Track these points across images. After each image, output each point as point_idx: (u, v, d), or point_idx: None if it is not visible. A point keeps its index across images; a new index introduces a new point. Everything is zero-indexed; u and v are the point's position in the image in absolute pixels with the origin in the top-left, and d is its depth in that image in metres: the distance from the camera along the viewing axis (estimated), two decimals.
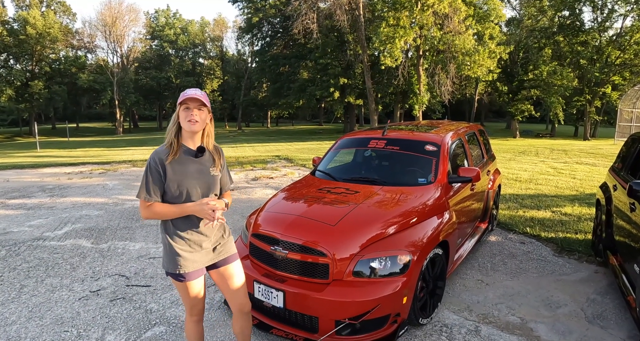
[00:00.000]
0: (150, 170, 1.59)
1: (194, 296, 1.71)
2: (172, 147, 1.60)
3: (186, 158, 1.63)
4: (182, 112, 1.59)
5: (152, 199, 1.58)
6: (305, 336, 2.02)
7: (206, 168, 1.67)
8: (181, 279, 1.66)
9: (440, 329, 2.36)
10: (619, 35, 24.20)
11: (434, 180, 2.70)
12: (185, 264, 1.64)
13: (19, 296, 2.76)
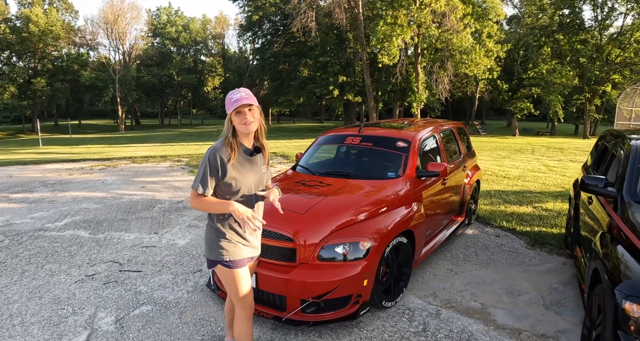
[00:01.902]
0: (209, 165, 1.65)
1: (245, 285, 1.75)
2: (232, 148, 1.67)
3: (244, 158, 1.72)
4: (235, 117, 1.65)
5: (205, 192, 1.66)
6: (274, 314, 2.25)
7: (258, 166, 1.78)
8: (231, 266, 1.71)
9: (403, 312, 2.58)
10: (620, 34, 24.18)
11: (402, 174, 2.91)
12: (233, 251, 1.71)
13: (20, 279, 3.00)
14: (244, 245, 1.75)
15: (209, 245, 1.74)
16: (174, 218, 4.77)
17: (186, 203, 5.63)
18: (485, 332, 2.36)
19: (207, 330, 2.32)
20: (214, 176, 1.67)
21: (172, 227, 4.43)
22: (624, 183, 2.37)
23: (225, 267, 1.72)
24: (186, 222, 4.63)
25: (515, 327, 2.45)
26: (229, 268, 1.72)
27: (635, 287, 1.63)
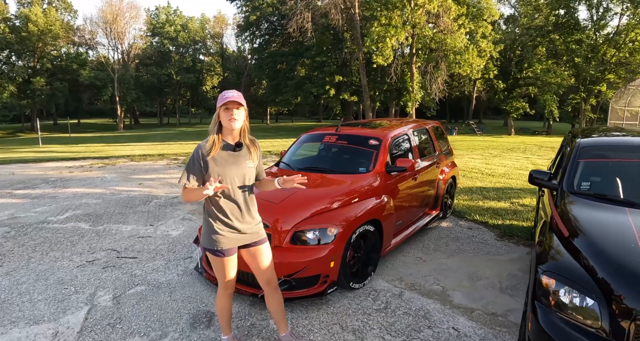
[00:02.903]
0: (192, 161, 1.84)
1: (230, 271, 1.98)
2: (214, 143, 1.83)
3: (226, 153, 1.86)
4: (222, 113, 1.81)
5: (188, 184, 1.84)
6: (252, 292, 2.56)
7: (242, 161, 1.91)
8: (220, 255, 1.92)
9: (369, 293, 2.89)
10: (615, 34, 24.48)
11: (372, 169, 3.23)
12: (223, 241, 1.90)
13: (27, 265, 3.32)
14: (234, 233, 1.92)
15: (203, 234, 1.98)
16: (168, 212, 5.08)
17: (181, 198, 5.94)
18: (440, 310, 2.67)
19: (193, 305, 2.64)
20: (197, 169, 1.84)
21: (167, 219, 4.74)
22: (564, 176, 2.68)
23: (214, 255, 1.95)
24: (180, 215, 4.94)
25: (469, 307, 2.75)
26: (218, 257, 1.94)
27: (552, 264, 1.93)
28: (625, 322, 1.54)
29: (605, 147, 2.83)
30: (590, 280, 1.71)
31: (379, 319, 2.51)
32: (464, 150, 13.53)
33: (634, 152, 2.63)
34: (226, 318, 2.12)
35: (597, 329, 1.60)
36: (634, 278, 1.61)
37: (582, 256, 1.84)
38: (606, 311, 1.60)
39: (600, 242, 1.91)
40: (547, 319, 1.74)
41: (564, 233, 2.07)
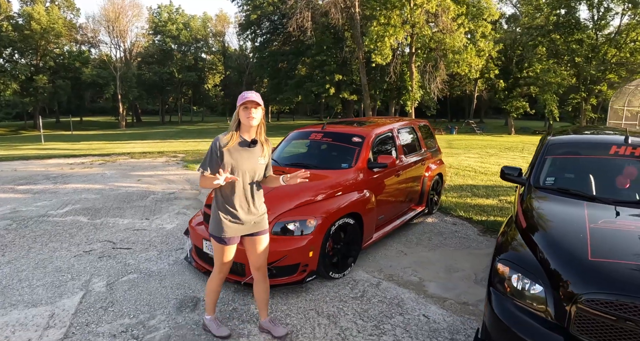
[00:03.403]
0: (211, 151, 2.04)
1: (227, 258, 2.16)
2: (231, 137, 2.02)
3: (241, 148, 2.04)
4: (242, 111, 2.00)
5: (206, 172, 2.02)
6: (236, 279, 2.73)
7: (255, 157, 2.07)
8: (223, 242, 2.10)
9: (348, 282, 3.05)
10: (616, 33, 24.46)
11: (354, 165, 3.39)
12: (228, 231, 2.07)
13: (27, 254, 3.50)
14: (239, 225, 2.08)
15: (211, 221, 2.14)
16: (164, 207, 5.26)
17: (177, 194, 6.12)
18: (414, 299, 2.82)
19: (181, 291, 2.82)
20: (214, 159, 2.03)
21: (162, 214, 4.92)
22: (532, 172, 2.83)
23: (218, 242, 2.12)
24: (175, 210, 5.12)
25: (443, 296, 2.91)
26: (220, 244, 2.12)
27: (508, 253, 2.08)
28: (568, 306, 1.69)
29: (571, 144, 2.97)
30: (539, 267, 1.86)
31: (354, 306, 2.67)
32: (462, 149, 13.66)
33: (598, 149, 2.78)
34: (213, 300, 2.28)
35: (543, 312, 1.75)
36: (579, 266, 1.76)
37: (535, 245, 1.99)
38: (552, 296, 1.74)
39: (554, 233, 2.06)
40: (500, 304, 1.88)
41: (523, 225, 2.23)
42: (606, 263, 1.71)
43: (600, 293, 1.59)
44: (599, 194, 2.42)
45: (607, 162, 2.66)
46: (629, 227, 2.03)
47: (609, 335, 1.55)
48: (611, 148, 2.67)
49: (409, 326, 2.43)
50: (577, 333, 1.61)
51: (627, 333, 1.51)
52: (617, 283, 1.60)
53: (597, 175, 2.62)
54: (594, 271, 1.68)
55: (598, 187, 2.51)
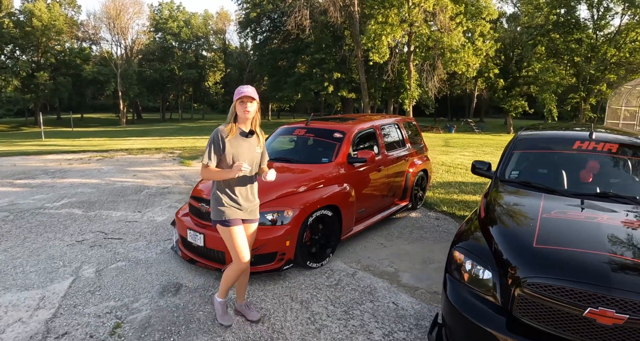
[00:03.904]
0: (213, 142, 2.15)
1: (240, 240, 2.20)
2: (231, 129, 2.16)
3: (240, 138, 2.19)
4: (238, 105, 2.14)
5: (210, 163, 2.14)
6: (216, 267, 2.89)
7: (253, 147, 2.23)
8: (227, 224, 2.18)
9: (325, 271, 3.19)
10: (616, 33, 24.46)
11: (334, 159, 3.53)
12: (228, 212, 2.19)
13: (23, 243, 3.67)
14: (238, 209, 2.21)
15: (213, 210, 2.25)
16: (157, 201, 5.42)
17: (171, 188, 6.28)
18: (387, 288, 2.96)
19: (165, 278, 2.98)
20: (216, 150, 2.15)
21: (155, 207, 5.08)
22: (499, 166, 2.97)
23: (223, 226, 2.21)
24: (167, 203, 5.28)
25: (415, 286, 3.04)
26: (226, 227, 2.20)
27: (465, 242, 2.21)
28: (512, 290, 1.80)
29: (537, 139, 3.11)
30: (491, 255, 2.00)
31: (327, 293, 2.82)
32: (458, 148, 13.78)
33: (562, 144, 2.90)
34: (227, 284, 2.33)
35: (492, 297, 1.86)
36: (523, 253, 1.88)
37: (490, 234, 2.13)
38: (499, 282, 1.86)
39: (506, 223, 2.20)
40: (454, 289, 2.01)
41: (482, 215, 2.37)
42: (549, 250, 1.84)
43: (540, 278, 1.71)
44: (559, 187, 2.55)
45: (571, 156, 2.79)
46: (579, 217, 2.16)
47: (547, 317, 1.68)
48: (575, 144, 2.79)
49: (377, 312, 2.58)
50: (520, 315, 1.74)
51: (562, 315, 1.64)
52: (556, 268, 1.73)
53: (560, 169, 2.75)
54: (536, 257, 1.82)
55: (559, 180, 2.64)
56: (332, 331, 2.32)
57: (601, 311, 1.56)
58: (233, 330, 2.30)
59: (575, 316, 1.61)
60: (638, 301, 1.54)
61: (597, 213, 2.15)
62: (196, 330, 2.29)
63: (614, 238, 1.90)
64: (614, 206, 2.27)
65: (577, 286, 1.62)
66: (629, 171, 2.71)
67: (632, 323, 1.53)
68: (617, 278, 1.63)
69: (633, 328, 1.54)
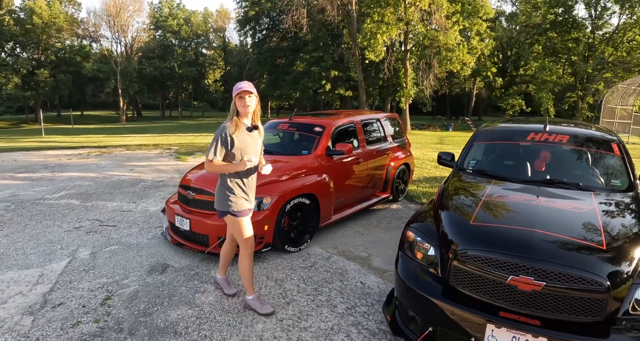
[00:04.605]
0: (219, 139, 2.23)
1: (247, 230, 2.35)
2: (236, 125, 2.24)
3: (245, 132, 2.30)
4: (238, 101, 2.23)
5: (215, 158, 2.23)
6: (201, 249, 3.15)
7: (256, 140, 2.35)
8: (237, 215, 2.29)
9: (301, 255, 3.45)
10: (614, 33, 24.62)
11: (312, 152, 3.79)
12: (239, 203, 2.30)
13: (23, 229, 3.94)
14: (245, 199, 2.32)
15: (220, 199, 2.32)
16: (152, 193, 5.68)
17: (166, 182, 6.55)
18: (357, 270, 3.21)
19: (154, 259, 3.25)
20: (223, 146, 2.24)
21: (149, 198, 5.35)
22: (460, 157, 3.22)
23: (233, 216, 2.31)
24: (161, 195, 5.54)
25: (384, 269, 3.29)
26: (236, 217, 2.31)
27: (417, 223, 2.43)
28: (449, 262, 2.02)
29: (496, 132, 3.35)
30: (436, 234, 2.24)
31: (301, 273, 3.08)
32: (453, 145, 14.02)
33: (517, 136, 3.15)
34: (249, 279, 2.43)
35: (434, 269, 2.10)
36: (460, 229, 2.12)
37: (438, 215, 2.38)
38: (440, 256, 2.10)
39: (453, 205, 2.45)
40: (403, 265, 2.25)
41: (436, 199, 2.62)
42: (483, 227, 2.10)
43: (471, 250, 1.95)
44: (510, 175, 2.80)
45: (524, 147, 3.04)
46: (518, 199, 2.41)
47: (476, 284, 1.91)
48: (529, 135, 3.04)
49: (344, 290, 2.83)
50: (455, 284, 1.98)
51: (489, 283, 1.86)
52: (486, 242, 1.98)
53: (513, 159, 3.01)
54: (470, 232, 2.07)
55: (511, 169, 2.90)
56: (300, 305, 2.59)
57: (521, 279, 1.79)
58: (210, 302, 2.57)
59: (500, 283, 1.84)
60: (555, 270, 1.77)
61: (536, 197, 2.40)
62: (177, 302, 2.55)
63: (545, 217, 2.14)
64: (558, 191, 2.51)
65: (502, 257, 1.86)
66: (577, 160, 2.97)
67: (549, 289, 1.75)
68: (538, 250, 1.86)
69: (550, 293, 1.76)
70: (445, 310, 1.91)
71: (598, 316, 1.73)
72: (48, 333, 2.19)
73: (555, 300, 1.76)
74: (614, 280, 1.75)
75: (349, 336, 2.23)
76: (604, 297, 1.72)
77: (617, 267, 1.81)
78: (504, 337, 1.78)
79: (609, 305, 1.72)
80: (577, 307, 1.74)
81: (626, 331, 1.71)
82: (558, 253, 1.85)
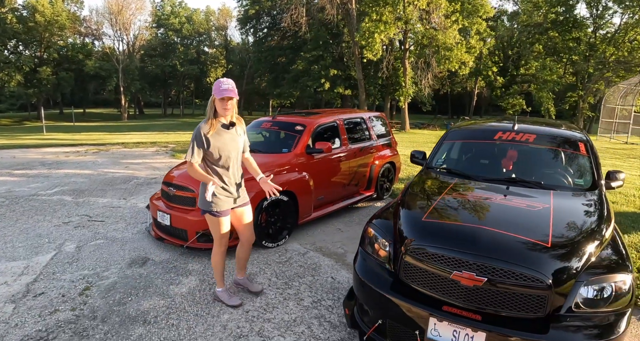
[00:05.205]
0: (196, 139, 2.25)
1: (224, 230, 2.40)
2: (211, 124, 2.24)
3: (222, 131, 2.30)
4: (218, 102, 2.22)
5: (193, 160, 2.26)
6: (180, 243, 3.28)
7: (235, 137, 2.35)
8: (217, 215, 2.35)
9: (278, 250, 3.56)
10: (616, 32, 24.49)
11: (292, 150, 3.90)
12: (220, 204, 2.34)
13: (15, 224, 4.09)
14: (227, 196, 2.35)
15: (202, 199, 2.35)
16: (143, 189, 5.83)
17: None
18: (331, 266, 3.31)
19: (136, 253, 3.38)
20: (200, 147, 2.27)
21: (140, 195, 5.49)
22: (430, 155, 3.30)
23: (212, 216, 2.38)
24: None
25: None
26: (215, 217, 2.38)
27: (377, 220, 2.50)
28: (400, 257, 2.09)
29: (465, 131, 3.43)
30: (392, 229, 2.33)
31: (275, 268, 3.20)
32: None
33: (485, 134, 3.22)
34: (220, 273, 2.53)
35: (388, 264, 2.17)
36: (413, 225, 2.20)
37: (397, 212, 2.46)
38: (394, 252, 2.17)
39: (411, 202, 2.53)
40: (361, 260, 2.32)
41: (399, 197, 2.73)
42: (434, 223, 2.18)
43: (420, 245, 2.03)
44: (474, 173, 2.88)
45: (491, 145, 3.10)
46: (475, 197, 2.51)
47: (423, 279, 1.98)
48: (496, 134, 3.10)
49: (314, 285, 2.95)
50: (404, 278, 2.06)
51: (435, 277, 1.93)
52: (435, 238, 2.04)
53: (480, 157, 3.10)
54: (421, 228, 2.15)
55: (476, 167, 2.98)
56: (269, 297, 2.71)
57: (464, 274, 1.81)
58: (182, 293, 2.70)
59: (444, 278, 1.90)
60: (497, 266, 1.79)
61: (493, 195, 2.50)
62: (152, 293, 2.69)
63: (497, 215, 2.24)
64: (518, 190, 2.58)
65: (448, 253, 1.92)
66: (543, 159, 3.03)
67: (491, 285, 1.78)
68: (482, 247, 1.91)
69: (492, 289, 1.78)
70: (393, 304, 1.98)
71: (539, 313, 1.75)
72: (27, 319, 2.33)
73: (497, 295, 1.79)
74: (557, 277, 1.77)
75: (309, 328, 2.35)
76: (546, 294, 1.74)
77: (561, 265, 1.83)
78: (445, 331, 1.83)
79: (550, 302, 1.74)
80: (519, 303, 1.77)
81: (566, 328, 1.73)
82: (501, 249, 1.88)
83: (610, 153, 11.80)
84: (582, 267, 1.86)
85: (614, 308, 1.80)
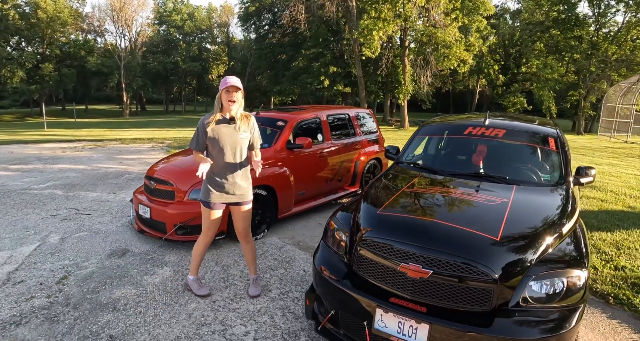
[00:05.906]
0: (198, 129, 2.42)
1: (213, 221, 2.50)
2: (214, 117, 2.37)
3: (222, 125, 2.41)
4: (224, 94, 2.33)
5: (196, 148, 2.44)
6: (159, 236, 3.38)
7: (235, 132, 2.41)
8: (209, 206, 2.47)
9: (257, 244, 3.62)
10: (618, 31, 24.27)
11: (273, 145, 3.98)
12: (212, 196, 2.45)
13: (4, 216, 4.21)
14: (219, 192, 2.44)
15: (202, 188, 2.52)
16: (134, 184, 5.93)
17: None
18: (305, 259, 3.37)
19: (117, 245, 3.49)
20: (201, 136, 2.42)
21: (129, 189, 5.60)
22: (402, 150, 3.35)
23: (204, 206, 2.52)
24: None
25: None
26: (205, 207, 2.51)
27: (339, 213, 2.53)
28: (354, 249, 2.13)
29: (437, 126, 3.46)
30: (351, 222, 2.37)
31: None
32: None
33: (456, 130, 3.26)
34: (197, 262, 2.63)
35: (345, 257, 2.22)
36: (368, 218, 2.24)
37: (358, 205, 2.50)
38: (350, 244, 2.20)
39: (372, 195, 2.57)
40: (321, 252, 2.37)
41: (364, 191, 2.79)
42: (388, 216, 2.20)
43: (371, 238, 2.06)
44: (441, 167, 2.92)
45: (461, 140, 3.15)
46: (434, 191, 2.55)
47: (373, 270, 2.02)
48: (467, 129, 3.13)
49: (284, 277, 3.03)
50: (357, 270, 2.10)
51: (384, 269, 1.97)
52: (386, 230, 2.07)
53: (450, 152, 3.14)
54: (375, 221, 2.19)
55: (444, 162, 3.03)
56: (237, 288, 2.80)
57: (410, 266, 1.83)
58: (155, 283, 2.80)
59: (393, 270, 1.91)
60: (443, 258, 1.81)
61: (454, 189, 2.55)
62: (125, 282, 2.79)
63: (452, 209, 2.29)
64: (480, 184, 2.62)
65: (397, 245, 1.95)
66: (512, 154, 3.06)
67: (437, 277, 1.80)
68: (431, 240, 1.94)
69: (438, 282, 1.80)
70: (344, 294, 2.02)
71: (485, 306, 1.75)
72: (3, 305, 2.43)
73: (443, 288, 1.80)
74: (504, 271, 1.77)
75: (272, 319, 2.43)
76: (491, 288, 1.73)
77: (508, 259, 1.82)
78: (390, 322, 1.85)
79: (496, 296, 1.74)
80: (464, 296, 1.77)
81: (510, 322, 1.72)
82: (449, 242, 1.90)
83: (609, 152, 11.77)
84: (532, 262, 1.86)
85: (565, 303, 1.80)
